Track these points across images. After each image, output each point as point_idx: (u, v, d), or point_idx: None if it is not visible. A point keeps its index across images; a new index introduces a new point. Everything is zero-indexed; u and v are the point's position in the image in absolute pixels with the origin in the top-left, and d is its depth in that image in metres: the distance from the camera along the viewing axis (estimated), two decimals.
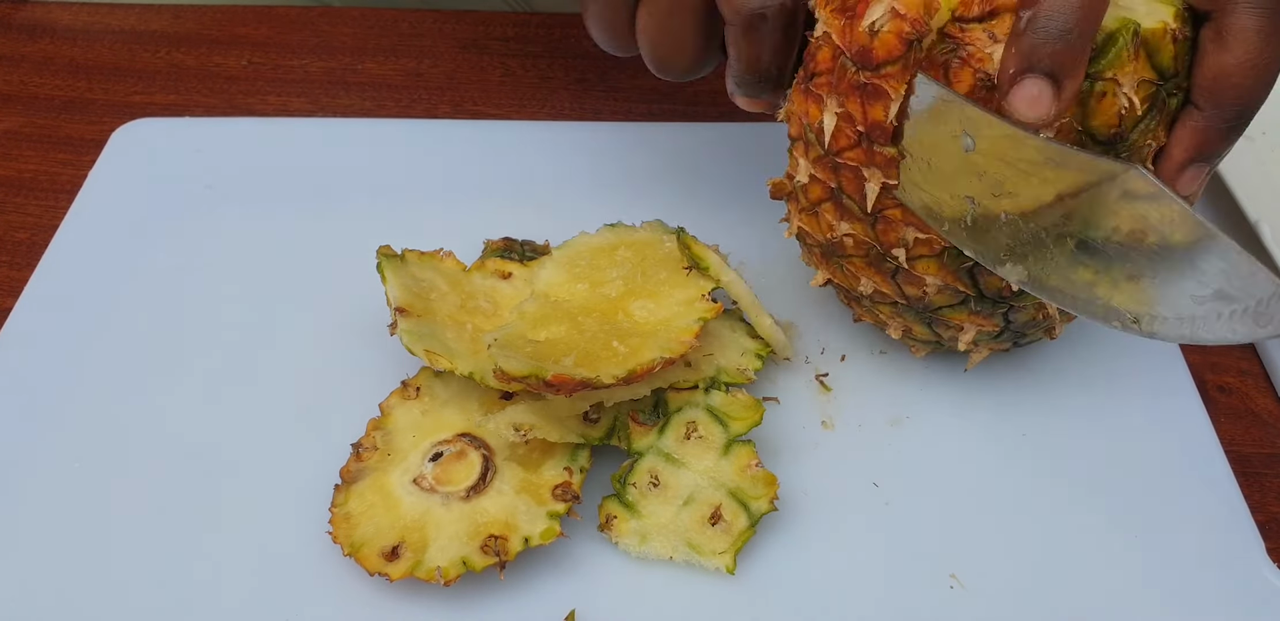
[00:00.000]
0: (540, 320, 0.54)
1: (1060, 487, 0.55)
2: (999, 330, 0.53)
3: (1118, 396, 0.59)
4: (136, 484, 0.54)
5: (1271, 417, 0.61)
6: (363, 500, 0.51)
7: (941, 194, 0.45)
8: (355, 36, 0.84)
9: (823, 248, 0.53)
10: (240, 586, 0.50)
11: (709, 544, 0.50)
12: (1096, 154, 0.40)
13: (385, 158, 0.71)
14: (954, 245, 0.46)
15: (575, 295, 0.56)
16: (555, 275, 0.58)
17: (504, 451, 0.52)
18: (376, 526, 0.50)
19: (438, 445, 0.52)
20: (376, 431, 0.53)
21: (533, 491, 0.51)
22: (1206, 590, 0.51)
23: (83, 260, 0.64)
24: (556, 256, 0.59)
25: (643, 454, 0.52)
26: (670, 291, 0.56)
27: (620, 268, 0.58)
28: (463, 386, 0.54)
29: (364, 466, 0.52)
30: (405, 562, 0.48)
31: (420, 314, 0.54)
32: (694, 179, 0.70)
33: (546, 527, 0.49)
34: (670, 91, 0.79)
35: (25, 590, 0.50)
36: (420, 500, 0.50)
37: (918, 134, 0.44)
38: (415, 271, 0.57)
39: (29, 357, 0.59)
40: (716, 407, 0.53)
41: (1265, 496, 0.57)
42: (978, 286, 0.50)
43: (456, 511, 0.50)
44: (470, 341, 0.54)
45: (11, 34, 0.84)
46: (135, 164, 0.71)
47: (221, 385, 0.58)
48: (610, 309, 0.55)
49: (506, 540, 0.49)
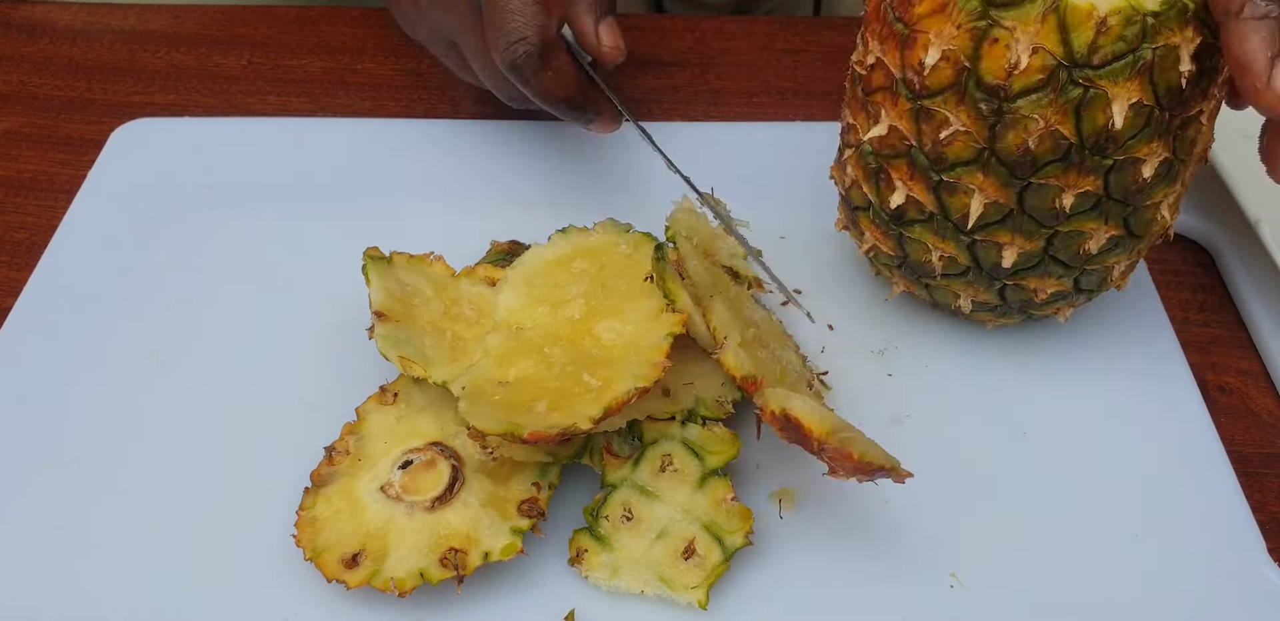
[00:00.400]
0: (506, 357, 0.52)
1: (1061, 487, 0.55)
2: (1070, 289, 0.55)
3: (1118, 396, 0.59)
4: (132, 482, 0.54)
5: (1271, 417, 0.61)
6: (329, 505, 0.50)
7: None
8: (355, 36, 0.84)
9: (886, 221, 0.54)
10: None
11: (681, 578, 0.49)
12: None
13: (385, 158, 0.71)
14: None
15: (538, 321, 0.55)
16: (515, 299, 0.56)
17: (474, 463, 0.51)
18: (340, 532, 0.49)
19: (409, 453, 0.51)
20: (350, 436, 0.53)
21: (498, 505, 0.50)
22: (1206, 590, 0.51)
23: (82, 260, 0.64)
24: (513, 278, 0.57)
25: (616, 486, 0.51)
26: (633, 305, 0.54)
27: (579, 282, 0.56)
28: (440, 394, 0.53)
29: (335, 470, 0.51)
30: (364, 571, 0.48)
31: (400, 319, 0.54)
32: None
33: (508, 543, 0.48)
34: (669, 91, 0.79)
35: (18, 589, 0.50)
36: (385, 508, 0.50)
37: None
38: (401, 275, 0.56)
39: (28, 357, 0.59)
40: (693, 441, 0.51)
41: (1265, 496, 0.57)
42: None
43: (419, 521, 0.49)
44: (449, 349, 0.54)
45: (11, 34, 0.84)
46: (135, 164, 0.71)
47: (218, 384, 0.58)
48: (575, 334, 0.54)
49: (466, 554, 0.48)
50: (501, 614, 0.49)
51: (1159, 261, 0.68)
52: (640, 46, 0.82)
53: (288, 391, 0.58)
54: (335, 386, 0.57)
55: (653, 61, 0.82)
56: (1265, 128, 0.46)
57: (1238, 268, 0.67)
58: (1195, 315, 0.66)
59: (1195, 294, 0.67)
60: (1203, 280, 0.68)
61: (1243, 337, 0.65)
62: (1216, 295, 0.67)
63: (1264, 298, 0.64)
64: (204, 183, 0.69)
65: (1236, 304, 0.66)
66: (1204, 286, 0.68)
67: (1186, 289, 0.67)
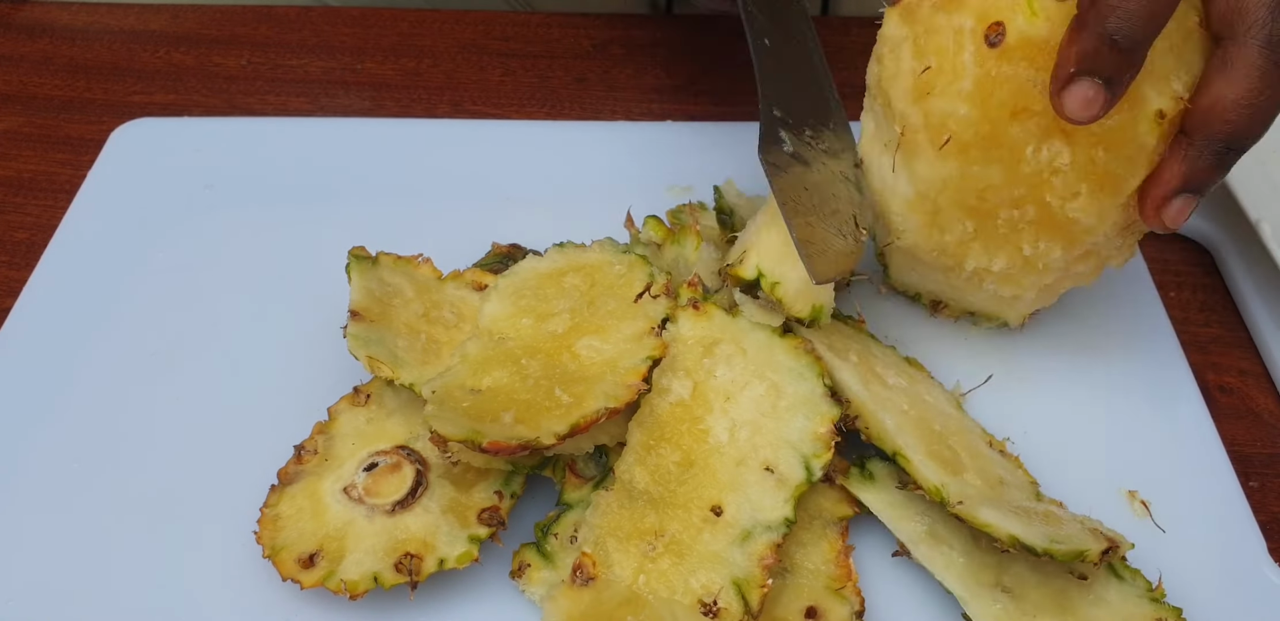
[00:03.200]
0: (482, 364, 0.52)
1: (1061, 486, 0.54)
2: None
3: (1119, 396, 0.59)
4: (129, 482, 0.54)
5: (1272, 417, 0.61)
6: (293, 503, 0.50)
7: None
8: (355, 36, 0.84)
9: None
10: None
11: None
12: None
13: (385, 157, 0.71)
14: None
15: (520, 332, 0.54)
16: (500, 308, 0.55)
17: (439, 468, 0.51)
18: (300, 532, 0.49)
19: (375, 455, 0.51)
20: (320, 435, 0.52)
21: (459, 512, 0.50)
22: (1206, 590, 0.51)
23: (82, 260, 0.64)
24: (502, 286, 0.56)
25: (571, 506, 0.50)
26: (618, 325, 0.54)
27: (568, 298, 0.55)
28: (412, 397, 0.53)
29: (302, 469, 0.51)
30: (319, 571, 0.48)
31: (376, 319, 0.53)
32: (694, 178, 0.70)
33: (464, 551, 0.48)
34: (670, 91, 0.79)
35: (15, 589, 0.50)
36: (346, 510, 0.50)
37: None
38: (384, 275, 0.56)
39: (28, 357, 0.59)
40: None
41: (1265, 496, 0.57)
42: None
43: (379, 525, 0.49)
44: (421, 351, 0.53)
45: (11, 34, 0.84)
46: (134, 164, 0.71)
47: (218, 383, 0.58)
48: (555, 348, 0.53)
49: (422, 560, 0.48)
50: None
51: (1159, 261, 0.68)
52: (640, 46, 0.83)
53: (281, 390, 0.58)
54: (323, 385, 0.57)
55: (653, 61, 0.82)
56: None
57: (1238, 268, 0.67)
58: (1195, 315, 0.66)
59: (1195, 294, 0.67)
60: (1203, 280, 0.68)
61: (1243, 337, 0.65)
62: (1216, 295, 0.67)
63: (1264, 298, 0.64)
64: (204, 183, 0.69)
65: (1236, 304, 0.66)
66: (1204, 286, 0.68)
67: (1186, 289, 0.67)
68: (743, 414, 0.50)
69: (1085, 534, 0.47)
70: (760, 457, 0.48)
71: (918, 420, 0.52)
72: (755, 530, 0.47)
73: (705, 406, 0.51)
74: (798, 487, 0.47)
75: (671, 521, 0.48)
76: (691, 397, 0.51)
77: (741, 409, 0.50)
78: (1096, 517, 0.51)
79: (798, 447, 0.48)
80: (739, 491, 0.48)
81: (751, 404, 0.50)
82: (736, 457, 0.49)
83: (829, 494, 0.52)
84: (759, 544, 0.46)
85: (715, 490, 0.48)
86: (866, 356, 0.55)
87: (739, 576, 0.46)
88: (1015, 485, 0.52)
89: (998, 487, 0.50)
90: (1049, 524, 0.48)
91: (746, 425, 0.50)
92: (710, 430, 0.50)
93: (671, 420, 0.50)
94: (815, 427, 0.49)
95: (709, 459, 0.49)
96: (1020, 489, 0.52)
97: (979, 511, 0.46)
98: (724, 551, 0.46)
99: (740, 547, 0.46)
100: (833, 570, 0.49)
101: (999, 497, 0.49)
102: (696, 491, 0.48)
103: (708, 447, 0.49)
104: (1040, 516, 0.49)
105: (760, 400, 0.50)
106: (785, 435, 0.49)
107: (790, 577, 0.49)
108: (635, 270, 0.56)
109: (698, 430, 0.50)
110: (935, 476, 0.48)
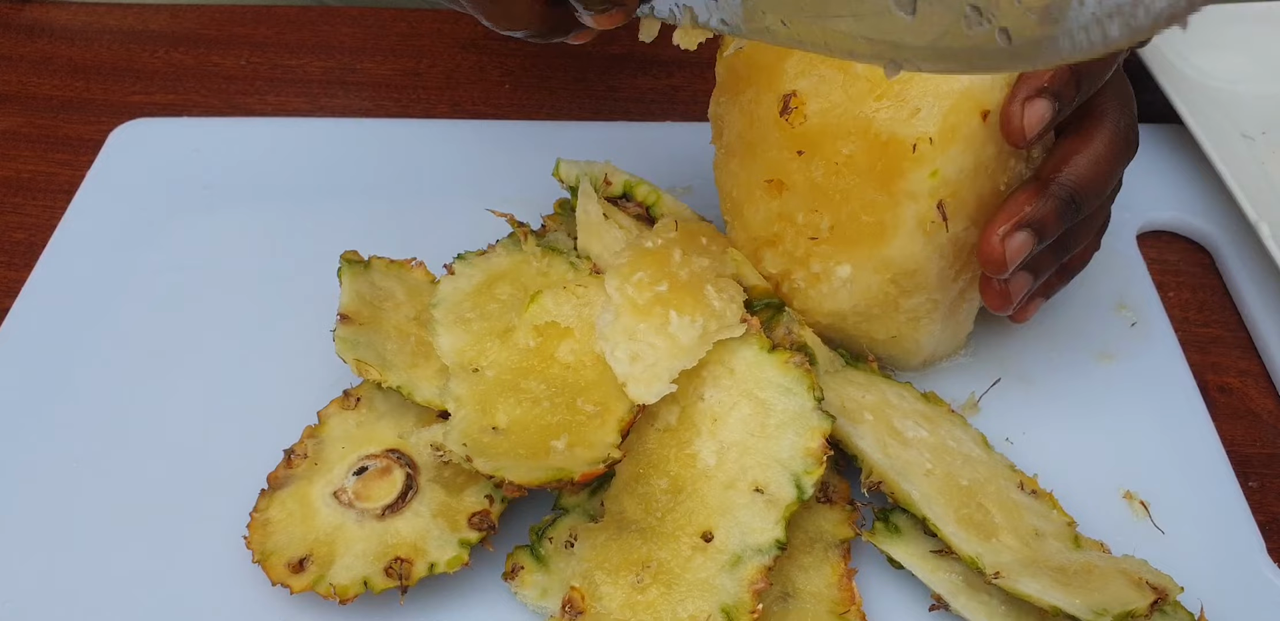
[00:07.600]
0: (486, 402, 0.50)
1: (1061, 487, 0.54)
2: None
3: (1118, 396, 0.59)
4: (119, 485, 0.54)
5: (1271, 417, 0.61)
6: (283, 508, 0.50)
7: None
8: (354, 36, 0.83)
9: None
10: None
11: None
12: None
13: (384, 158, 0.71)
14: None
15: (492, 358, 0.51)
16: (454, 340, 0.52)
17: (430, 471, 0.51)
18: (289, 536, 0.49)
19: (365, 459, 0.51)
20: (310, 439, 0.52)
21: (449, 516, 0.49)
22: (1207, 590, 0.51)
23: (81, 260, 0.64)
24: (441, 318, 0.53)
25: (568, 510, 0.50)
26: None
27: (511, 308, 0.53)
28: (401, 401, 0.53)
29: (292, 473, 0.51)
30: (309, 576, 0.47)
31: (364, 322, 0.53)
32: (694, 178, 0.70)
33: (454, 556, 0.48)
34: (670, 91, 0.79)
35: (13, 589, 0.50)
36: (336, 514, 0.49)
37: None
38: (376, 279, 0.56)
39: (27, 357, 0.59)
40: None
41: (1265, 497, 0.57)
42: None
43: (368, 529, 0.49)
44: (410, 354, 0.53)
45: (11, 34, 0.84)
46: (133, 164, 0.71)
47: (216, 384, 0.58)
48: (541, 363, 0.51)
49: (412, 564, 0.47)
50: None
51: (1159, 261, 0.68)
52: (640, 46, 0.82)
53: (277, 391, 0.58)
54: (315, 388, 0.57)
55: (653, 61, 0.82)
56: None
57: (1238, 268, 0.67)
58: (1195, 315, 0.66)
59: (1195, 294, 0.67)
60: (1203, 280, 0.68)
61: (1243, 337, 0.65)
62: (1216, 295, 0.67)
63: (1264, 298, 0.64)
64: (203, 183, 0.69)
65: (1236, 304, 0.66)
66: (1204, 286, 0.68)
67: (1186, 289, 0.67)
68: (731, 435, 0.49)
69: (1129, 588, 0.46)
70: (749, 479, 0.47)
71: (944, 479, 0.50)
72: (745, 554, 0.45)
73: (693, 430, 0.49)
74: (788, 507, 0.46)
75: (660, 550, 0.47)
76: (679, 423, 0.50)
77: (730, 430, 0.49)
78: (1095, 518, 0.51)
79: (787, 465, 0.47)
80: (728, 515, 0.47)
81: (740, 424, 0.49)
82: (725, 481, 0.48)
83: (830, 515, 0.51)
84: (749, 568, 0.45)
85: (704, 515, 0.47)
86: (883, 408, 0.53)
87: (728, 603, 0.45)
88: (1052, 534, 0.50)
89: (1034, 543, 0.49)
90: (1091, 584, 0.46)
91: (734, 446, 0.48)
92: (698, 454, 0.49)
93: (659, 447, 0.49)
94: (806, 443, 0.47)
95: (697, 484, 0.48)
96: (1058, 537, 0.50)
97: (1018, 582, 0.45)
98: (713, 578, 0.45)
99: (730, 573, 0.45)
100: (835, 594, 0.48)
101: (1036, 557, 0.48)
102: (686, 518, 0.47)
103: (695, 472, 0.48)
104: (1081, 574, 0.47)
105: (748, 419, 0.49)
106: (774, 454, 0.47)
107: (792, 602, 0.48)
108: (553, 262, 0.55)
109: (685, 455, 0.49)
110: (969, 547, 0.47)
